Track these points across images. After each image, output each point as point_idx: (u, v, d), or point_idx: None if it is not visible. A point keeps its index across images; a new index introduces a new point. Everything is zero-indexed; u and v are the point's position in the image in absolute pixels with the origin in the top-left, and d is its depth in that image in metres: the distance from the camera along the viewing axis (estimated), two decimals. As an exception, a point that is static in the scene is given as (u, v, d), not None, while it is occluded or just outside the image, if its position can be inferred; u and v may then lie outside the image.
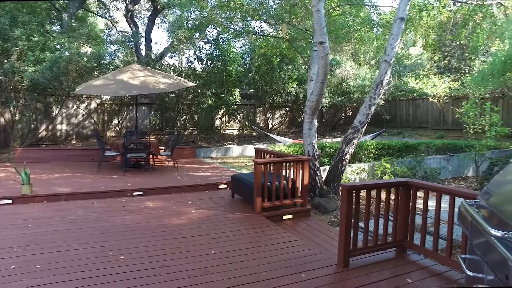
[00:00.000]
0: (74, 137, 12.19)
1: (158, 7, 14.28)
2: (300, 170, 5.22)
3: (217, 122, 14.55)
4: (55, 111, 11.39)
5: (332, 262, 3.38)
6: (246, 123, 15.09)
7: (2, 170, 7.70)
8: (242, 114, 14.73)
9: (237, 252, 3.61)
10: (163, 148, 9.29)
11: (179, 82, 8.94)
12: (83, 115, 12.26)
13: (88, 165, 8.62)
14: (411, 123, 16.42)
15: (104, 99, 12.48)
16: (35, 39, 10.01)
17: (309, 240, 4.17)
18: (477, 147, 8.62)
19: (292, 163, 5.39)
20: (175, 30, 12.49)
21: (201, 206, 5.40)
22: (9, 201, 5.31)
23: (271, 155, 6.21)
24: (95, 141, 9.92)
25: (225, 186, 6.62)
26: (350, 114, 17.52)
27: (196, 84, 10.65)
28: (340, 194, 4.32)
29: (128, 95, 10.69)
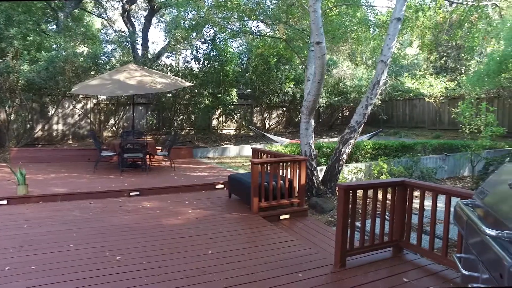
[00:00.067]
0: (70, 137, 12.12)
1: (155, 6, 14.24)
2: (297, 170, 5.22)
3: (214, 122, 14.52)
4: (51, 111, 11.32)
5: (329, 262, 3.39)
6: (243, 123, 15.08)
7: (-3, 171, 7.65)
8: (239, 114, 14.72)
9: (234, 252, 3.62)
10: (160, 148, 9.27)
11: (176, 82, 8.92)
12: (79, 115, 12.20)
13: (85, 165, 8.59)
14: (408, 123, 16.50)
15: (100, 99, 12.42)
16: (31, 38, 9.95)
17: (306, 240, 4.18)
18: (473, 147, 8.68)
19: (289, 163, 5.39)
20: (172, 30, 12.46)
21: (198, 206, 5.40)
22: (5, 202, 5.28)
23: (268, 155, 6.21)
24: (92, 141, 9.88)
25: (222, 186, 6.61)
26: (347, 114, 17.57)
27: (193, 84, 10.63)
28: (337, 194, 4.34)
29: (125, 95, 10.66)
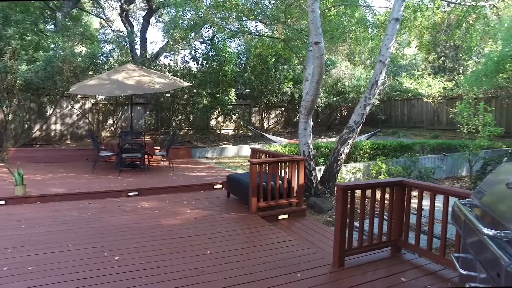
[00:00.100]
0: (68, 137, 12.10)
1: (153, 6, 14.23)
2: (296, 170, 5.23)
3: (212, 122, 14.52)
4: (49, 111, 11.29)
5: (327, 262, 3.39)
6: (241, 123, 15.08)
7: (-5, 171, 7.63)
8: (237, 114, 14.72)
9: (232, 252, 3.61)
10: (159, 148, 9.24)
11: (174, 82, 8.91)
12: (77, 115, 12.17)
13: (83, 165, 8.57)
14: (406, 123, 16.53)
15: (99, 99, 12.40)
16: (29, 38, 9.91)
17: (304, 239, 4.18)
18: (471, 147, 8.70)
19: (287, 163, 5.39)
20: (170, 30, 12.44)
21: (196, 206, 5.39)
22: (2, 202, 5.26)
23: (267, 155, 6.22)
24: (90, 141, 9.85)
25: (221, 186, 6.61)
26: (345, 114, 17.58)
27: (191, 84, 10.62)
28: (335, 194, 4.34)
29: (123, 95, 10.64)
